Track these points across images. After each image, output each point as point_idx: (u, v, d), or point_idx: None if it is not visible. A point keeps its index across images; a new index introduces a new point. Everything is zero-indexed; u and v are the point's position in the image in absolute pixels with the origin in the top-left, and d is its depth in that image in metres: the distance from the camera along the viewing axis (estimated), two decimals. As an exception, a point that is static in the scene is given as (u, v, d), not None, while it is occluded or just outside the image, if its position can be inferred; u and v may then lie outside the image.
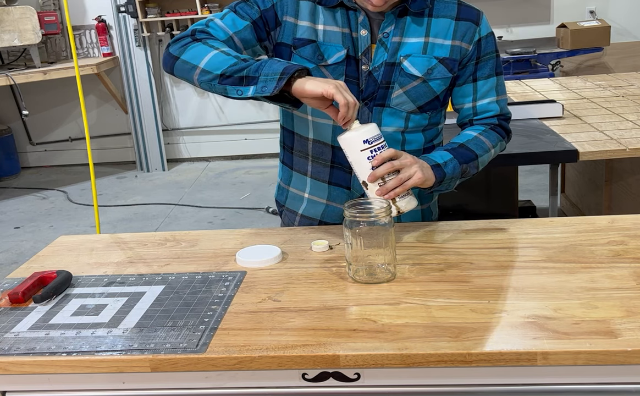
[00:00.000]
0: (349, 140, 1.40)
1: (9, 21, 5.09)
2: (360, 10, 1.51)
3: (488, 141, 1.57)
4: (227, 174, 5.69)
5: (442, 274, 1.33)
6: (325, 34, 1.53)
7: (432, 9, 1.53)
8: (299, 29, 1.53)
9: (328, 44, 1.52)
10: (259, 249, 1.48)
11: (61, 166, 6.28)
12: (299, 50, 1.54)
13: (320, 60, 1.53)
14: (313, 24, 1.53)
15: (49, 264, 1.53)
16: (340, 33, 1.52)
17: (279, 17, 1.54)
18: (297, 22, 1.53)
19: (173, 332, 1.17)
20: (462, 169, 1.51)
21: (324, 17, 1.53)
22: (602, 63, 5.31)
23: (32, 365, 1.13)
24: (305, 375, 1.10)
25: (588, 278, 1.27)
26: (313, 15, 1.53)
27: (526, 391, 1.09)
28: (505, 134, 1.63)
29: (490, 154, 1.59)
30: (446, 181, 1.49)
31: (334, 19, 1.52)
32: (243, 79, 1.38)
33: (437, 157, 1.49)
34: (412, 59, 1.51)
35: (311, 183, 1.66)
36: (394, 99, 1.54)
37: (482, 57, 1.56)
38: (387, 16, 1.51)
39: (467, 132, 1.60)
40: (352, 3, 1.51)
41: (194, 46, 1.46)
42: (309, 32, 1.53)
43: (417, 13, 1.52)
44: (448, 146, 1.55)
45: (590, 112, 3.02)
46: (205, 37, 1.49)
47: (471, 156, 1.53)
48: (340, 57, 1.52)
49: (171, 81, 5.97)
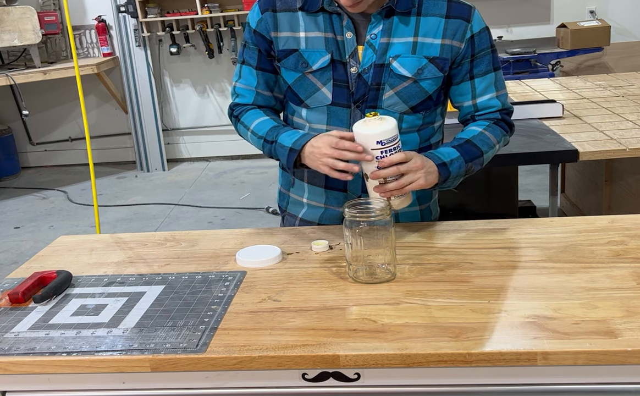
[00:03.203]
0: (363, 136, 1.38)
1: (9, 21, 5.09)
2: (344, 14, 1.51)
3: (493, 137, 1.56)
4: (227, 174, 5.69)
5: (442, 274, 1.33)
6: (307, 41, 1.53)
7: (420, 7, 1.51)
8: (280, 41, 1.55)
9: (311, 51, 1.53)
10: (259, 249, 1.48)
11: (61, 166, 6.28)
12: (282, 62, 1.56)
13: (305, 67, 1.54)
14: (294, 32, 1.54)
15: (49, 264, 1.53)
16: (323, 38, 1.52)
17: (267, 37, 1.57)
18: (278, 35, 1.55)
19: (173, 332, 1.17)
20: (467, 167, 1.51)
21: (304, 24, 1.53)
22: (602, 63, 5.31)
23: (32, 365, 1.13)
24: (305, 375, 1.10)
25: (588, 278, 1.27)
26: (293, 24, 1.54)
27: (526, 391, 1.09)
28: (508, 129, 1.62)
29: (495, 149, 1.58)
30: (450, 179, 1.48)
31: (315, 25, 1.53)
32: (278, 159, 1.57)
33: (444, 155, 1.48)
34: (401, 59, 1.51)
35: (309, 188, 1.66)
36: (386, 101, 1.53)
37: (477, 54, 1.54)
38: (373, 17, 1.50)
39: (472, 127, 1.58)
40: (334, 7, 1.51)
41: (238, 126, 1.66)
42: (290, 42, 1.54)
43: (403, 13, 1.50)
44: (455, 142, 1.54)
45: (590, 112, 3.02)
46: (240, 112, 1.65)
47: (477, 153, 1.52)
48: (325, 62, 1.52)
49: (171, 80, 5.97)
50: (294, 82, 1.57)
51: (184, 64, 5.91)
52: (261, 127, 1.58)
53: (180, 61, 5.89)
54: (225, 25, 5.59)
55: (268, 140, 1.55)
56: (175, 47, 5.69)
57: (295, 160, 1.48)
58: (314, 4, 1.52)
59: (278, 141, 1.52)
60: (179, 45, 5.70)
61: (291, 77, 1.57)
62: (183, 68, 5.93)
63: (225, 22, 5.58)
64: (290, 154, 1.48)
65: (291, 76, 1.56)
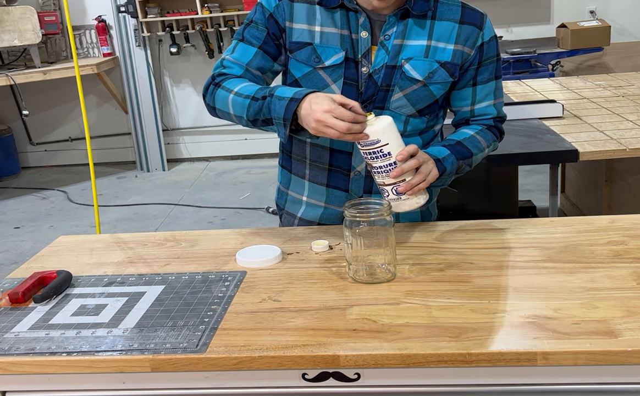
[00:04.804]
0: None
1: (9, 21, 5.09)
2: (361, 12, 1.50)
3: (484, 141, 1.58)
4: (227, 174, 5.69)
5: (442, 274, 1.33)
6: (322, 35, 1.52)
7: (435, 11, 1.51)
8: (295, 32, 1.53)
9: (325, 46, 1.51)
10: (259, 249, 1.48)
11: (61, 166, 6.28)
12: (294, 54, 1.54)
13: (317, 62, 1.52)
14: (310, 25, 1.52)
15: (49, 264, 1.53)
16: (338, 34, 1.51)
17: (280, 24, 1.53)
18: (292, 25, 1.53)
19: (173, 332, 1.17)
20: (458, 165, 1.52)
21: (321, 18, 1.52)
22: (602, 63, 5.31)
23: (32, 365, 1.13)
24: (305, 375, 1.10)
25: (588, 278, 1.27)
26: (310, 16, 1.52)
27: (526, 391, 1.09)
28: (499, 135, 1.64)
29: (484, 153, 1.60)
30: (444, 176, 1.49)
31: (332, 20, 1.51)
32: (266, 121, 1.44)
33: (435, 153, 1.49)
34: (413, 62, 1.50)
35: (309, 186, 1.65)
36: (394, 102, 1.53)
37: (484, 62, 1.55)
38: (389, 18, 1.50)
39: (463, 130, 1.60)
40: (353, 4, 1.50)
41: (217, 92, 1.51)
42: (305, 35, 1.52)
43: (419, 15, 1.50)
44: (445, 143, 1.55)
45: (590, 112, 3.02)
46: (222, 79, 1.53)
47: (467, 154, 1.54)
48: (339, 59, 1.51)
49: (171, 80, 5.97)
50: (303, 76, 1.55)
51: (184, 64, 5.91)
52: (247, 89, 1.47)
53: (180, 61, 5.89)
54: (225, 25, 5.59)
55: (257, 97, 1.43)
56: (175, 47, 5.69)
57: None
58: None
59: (275, 94, 1.41)
60: (179, 45, 5.70)
61: (300, 71, 1.54)
62: (183, 68, 5.93)
63: (225, 22, 5.58)
64: (291, 103, 1.37)
65: (301, 69, 1.54)
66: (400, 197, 1.41)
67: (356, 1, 1.50)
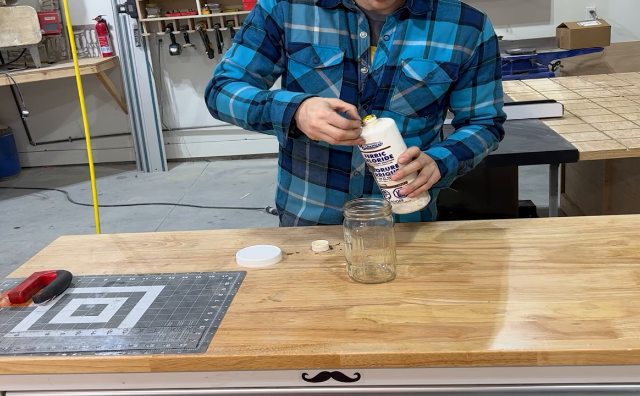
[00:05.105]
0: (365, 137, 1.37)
1: (9, 21, 5.09)
2: (360, 12, 1.50)
3: (484, 141, 1.58)
4: (227, 174, 5.69)
5: (442, 274, 1.33)
6: (321, 36, 1.51)
7: (434, 11, 1.51)
8: (294, 33, 1.53)
9: (324, 47, 1.51)
10: (259, 249, 1.48)
11: (61, 166, 6.28)
12: (293, 55, 1.53)
13: (316, 63, 1.52)
14: (308, 26, 1.52)
15: (49, 264, 1.53)
16: (337, 35, 1.51)
17: (279, 25, 1.53)
18: (291, 26, 1.53)
19: (173, 332, 1.17)
20: (460, 166, 1.52)
21: (320, 18, 1.51)
22: (602, 63, 5.31)
23: (32, 365, 1.13)
24: (305, 375, 1.10)
25: (588, 278, 1.27)
26: (309, 17, 1.52)
27: (526, 391, 1.09)
28: (499, 135, 1.64)
29: (485, 153, 1.60)
30: (446, 177, 1.49)
31: (331, 21, 1.51)
32: (266, 125, 1.45)
33: (437, 154, 1.49)
34: (413, 63, 1.50)
35: (309, 187, 1.65)
36: (393, 103, 1.53)
37: (484, 62, 1.55)
38: (388, 19, 1.50)
39: (464, 130, 1.60)
40: (352, 5, 1.50)
41: (218, 96, 1.53)
42: (304, 36, 1.52)
43: (419, 16, 1.50)
44: (446, 143, 1.55)
45: (590, 112, 3.02)
46: (223, 83, 1.54)
47: (468, 154, 1.54)
48: (337, 60, 1.51)
49: (171, 81, 5.97)
50: (302, 77, 1.55)
51: (184, 64, 5.91)
52: (248, 93, 1.48)
53: (180, 61, 5.89)
54: (225, 25, 5.59)
55: (257, 102, 1.44)
56: (175, 47, 5.69)
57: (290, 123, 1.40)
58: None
59: (274, 98, 1.43)
60: (179, 45, 5.70)
61: (299, 72, 1.54)
62: (183, 68, 5.93)
63: (225, 22, 5.58)
64: (289, 109, 1.38)
65: (300, 70, 1.54)
66: (402, 199, 1.41)
67: (355, 2, 1.50)
